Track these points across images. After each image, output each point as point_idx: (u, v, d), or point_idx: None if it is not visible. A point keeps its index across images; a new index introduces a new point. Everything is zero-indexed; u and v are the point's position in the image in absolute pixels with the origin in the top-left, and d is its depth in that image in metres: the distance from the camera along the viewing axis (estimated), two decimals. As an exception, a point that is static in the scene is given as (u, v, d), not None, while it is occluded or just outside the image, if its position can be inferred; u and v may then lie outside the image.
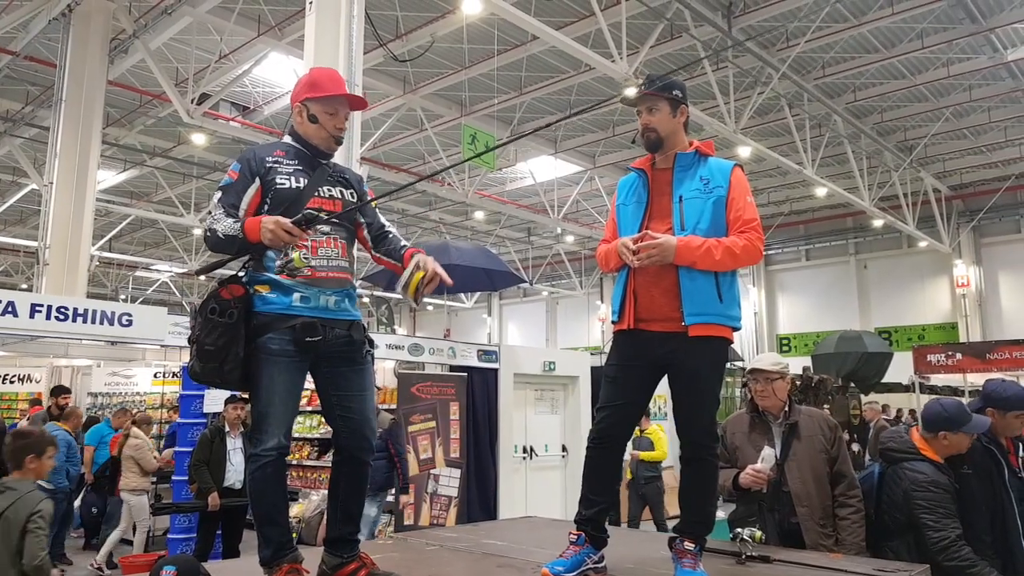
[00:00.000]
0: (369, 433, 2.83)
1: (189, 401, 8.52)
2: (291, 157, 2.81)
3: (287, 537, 2.71)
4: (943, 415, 3.48)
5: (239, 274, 2.73)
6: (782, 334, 24.03)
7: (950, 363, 16.25)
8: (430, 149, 16.86)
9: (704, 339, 2.75)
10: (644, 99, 2.94)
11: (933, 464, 3.41)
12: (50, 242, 10.76)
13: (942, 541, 3.22)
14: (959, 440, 3.46)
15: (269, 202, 2.72)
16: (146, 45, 11.79)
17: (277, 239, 2.55)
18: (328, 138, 2.84)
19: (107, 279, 28.49)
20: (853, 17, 12.28)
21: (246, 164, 2.76)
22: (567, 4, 11.57)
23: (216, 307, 2.59)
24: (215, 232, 2.63)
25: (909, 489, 3.38)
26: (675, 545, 2.84)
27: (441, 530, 4.21)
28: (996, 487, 3.47)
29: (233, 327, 2.59)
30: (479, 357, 9.79)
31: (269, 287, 2.67)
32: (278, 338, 2.62)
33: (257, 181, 2.73)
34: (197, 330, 2.63)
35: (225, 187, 2.74)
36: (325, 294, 2.72)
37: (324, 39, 7.74)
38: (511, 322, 31.59)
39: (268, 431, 2.63)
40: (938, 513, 3.27)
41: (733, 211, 2.82)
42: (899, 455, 3.54)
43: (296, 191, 2.73)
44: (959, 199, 21.15)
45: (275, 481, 2.69)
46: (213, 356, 2.58)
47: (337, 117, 2.84)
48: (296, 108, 2.86)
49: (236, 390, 2.72)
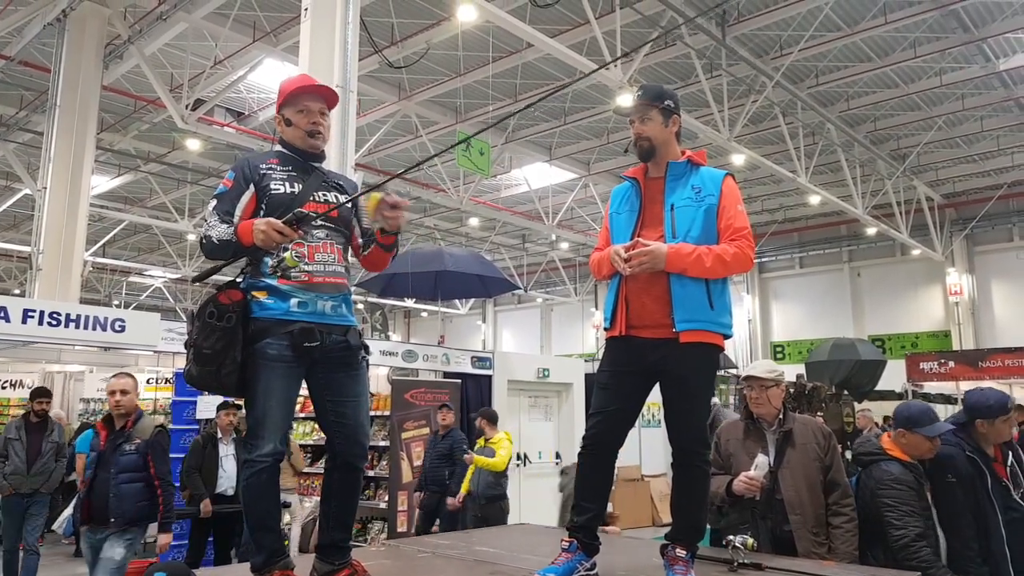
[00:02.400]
0: (363, 439, 2.84)
1: (182, 407, 8.50)
2: (284, 164, 2.84)
3: (280, 544, 2.71)
4: (903, 414, 3.55)
5: (237, 280, 2.74)
6: (776, 341, 24.08)
7: (943, 371, 16.33)
8: (425, 155, 16.88)
9: (695, 345, 2.76)
10: (636, 108, 2.96)
11: (899, 463, 3.44)
12: (43, 247, 10.72)
13: (902, 539, 3.23)
14: (916, 441, 3.49)
15: (264, 208, 2.74)
16: (141, 50, 11.78)
17: (269, 239, 2.57)
18: (304, 136, 2.86)
19: (100, 284, 28.39)
20: (846, 26, 12.35)
21: (240, 172, 2.79)
22: (562, 12, 11.61)
23: (214, 311, 2.60)
24: (210, 239, 2.66)
25: (875, 488, 3.42)
26: (667, 552, 2.84)
27: (433, 537, 4.21)
28: (979, 495, 3.48)
29: (231, 331, 2.59)
30: (473, 364, 9.80)
31: (266, 293, 2.68)
32: (275, 343, 2.63)
33: (251, 188, 2.75)
34: (194, 334, 2.63)
35: (220, 195, 2.76)
36: (322, 299, 2.73)
37: (319, 45, 7.75)
38: (505, 329, 31.58)
39: (264, 436, 2.64)
40: (900, 511, 3.29)
41: (724, 219, 2.84)
42: (868, 458, 3.59)
43: (290, 196, 2.75)
44: (952, 207, 21.25)
45: (270, 487, 2.70)
46: (210, 360, 2.59)
47: (310, 114, 2.86)
48: (276, 118, 2.94)
49: (232, 395, 2.73)
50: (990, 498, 3.46)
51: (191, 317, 2.69)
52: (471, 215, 21.41)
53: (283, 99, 2.89)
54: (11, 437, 7.34)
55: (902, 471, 3.40)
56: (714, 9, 11.56)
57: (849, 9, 11.92)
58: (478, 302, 30.78)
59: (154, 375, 12.66)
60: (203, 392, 2.76)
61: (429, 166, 17.19)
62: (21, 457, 7.23)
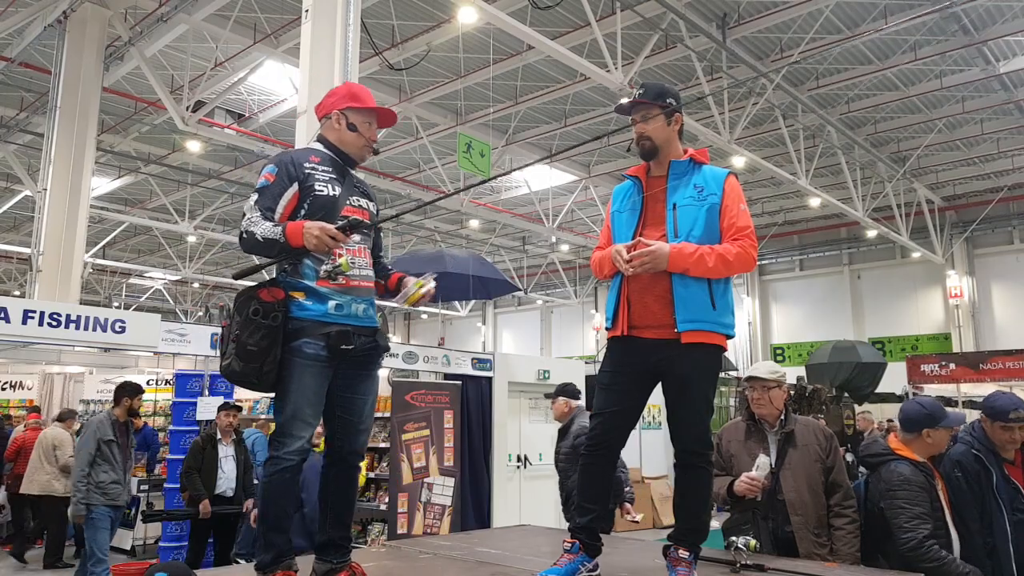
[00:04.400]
0: (363, 436, 2.89)
1: (182, 408, 8.49)
2: (326, 164, 2.87)
3: (289, 546, 2.72)
4: (924, 412, 3.51)
5: (277, 278, 2.78)
6: (776, 344, 24.06)
7: (944, 373, 16.29)
8: (425, 157, 16.88)
9: (697, 346, 2.75)
10: (638, 108, 2.95)
11: (910, 463, 3.42)
12: (43, 248, 10.71)
13: (910, 542, 3.21)
14: (941, 436, 3.49)
15: (307, 207, 2.76)
16: (141, 52, 11.78)
17: (322, 244, 2.60)
18: (365, 147, 2.95)
19: (100, 286, 28.38)
20: (847, 29, 12.36)
21: (283, 168, 2.79)
22: (562, 14, 11.61)
23: (259, 308, 2.63)
24: (253, 235, 2.66)
25: (884, 490, 3.39)
26: (669, 553, 2.83)
27: (435, 538, 4.19)
28: (984, 492, 3.48)
29: (276, 329, 2.64)
30: (473, 365, 9.79)
31: (305, 294, 2.72)
32: (313, 343, 2.67)
33: (295, 185, 2.77)
34: (237, 330, 2.65)
35: (261, 190, 2.77)
36: (356, 302, 2.79)
37: (320, 47, 7.74)
38: (506, 331, 31.56)
39: (293, 434, 2.67)
40: (911, 512, 3.26)
41: (727, 219, 2.83)
42: (876, 459, 3.56)
43: (332, 198, 2.79)
44: (952, 210, 21.25)
45: (291, 487, 2.72)
46: (255, 357, 2.62)
47: (372, 128, 2.95)
48: (334, 116, 2.92)
49: (267, 392, 2.76)
50: (995, 495, 3.45)
51: (228, 312, 2.73)
52: (471, 217, 21.40)
53: (355, 103, 2.93)
54: (108, 439, 6.58)
55: (912, 471, 3.37)
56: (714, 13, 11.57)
57: (849, 12, 11.93)
58: (478, 304, 30.76)
59: (154, 376, 12.65)
60: (242, 387, 2.79)
61: (430, 167, 17.18)
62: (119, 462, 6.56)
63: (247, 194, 19.55)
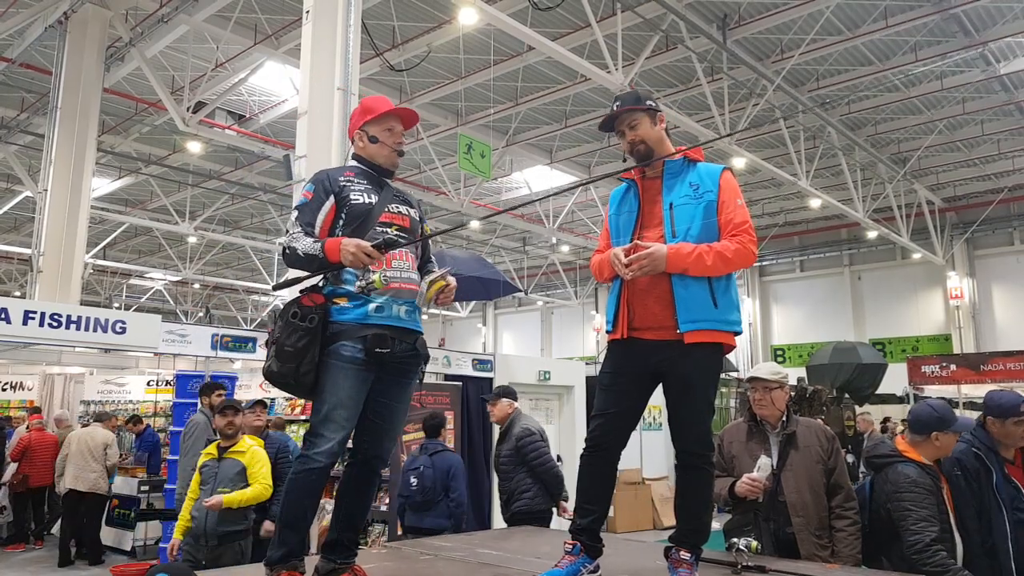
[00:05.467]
0: (388, 443, 2.93)
1: (182, 409, 8.48)
2: (360, 177, 2.97)
3: (301, 547, 2.75)
4: (935, 415, 3.50)
5: (319, 284, 2.86)
6: (776, 345, 24.07)
7: (944, 374, 16.28)
8: (426, 158, 16.88)
9: (699, 346, 2.75)
10: (622, 118, 2.97)
11: (918, 466, 3.40)
12: (44, 249, 10.72)
13: (918, 544, 3.20)
14: (950, 440, 3.49)
15: (344, 217, 2.86)
16: (142, 53, 11.79)
17: (358, 261, 2.66)
18: (391, 153, 3.02)
19: (101, 287, 28.38)
20: (847, 30, 12.36)
21: (320, 185, 2.91)
22: (563, 15, 11.61)
23: (298, 311, 2.72)
24: (295, 250, 2.77)
25: (891, 492, 3.38)
26: (671, 554, 2.83)
27: (435, 539, 4.20)
28: (984, 491, 3.48)
29: (313, 331, 2.71)
30: (474, 366, 9.79)
31: (346, 299, 2.78)
32: (350, 346, 2.73)
33: (332, 199, 2.88)
34: (277, 332, 2.75)
35: (301, 207, 2.89)
36: (398, 304, 2.83)
37: (321, 48, 7.75)
38: (506, 332, 31.56)
39: (325, 435, 2.71)
40: (917, 515, 3.25)
41: (724, 215, 2.83)
42: (882, 460, 3.54)
43: (368, 207, 2.88)
44: (952, 211, 21.25)
45: (316, 489, 2.75)
46: (292, 357, 2.69)
47: (394, 133, 3.02)
48: (357, 135, 3.03)
49: (306, 396, 2.82)
50: (995, 495, 3.45)
51: (274, 317, 2.83)
52: (472, 218, 21.41)
53: (370, 117, 3.01)
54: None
55: (919, 473, 3.36)
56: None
57: (850, 13, 11.93)
58: (478, 305, 30.77)
59: (154, 377, 12.65)
60: (281, 389, 2.84)
61: (430, 168, 17.18)
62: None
63: (247, 195, 19.65)
